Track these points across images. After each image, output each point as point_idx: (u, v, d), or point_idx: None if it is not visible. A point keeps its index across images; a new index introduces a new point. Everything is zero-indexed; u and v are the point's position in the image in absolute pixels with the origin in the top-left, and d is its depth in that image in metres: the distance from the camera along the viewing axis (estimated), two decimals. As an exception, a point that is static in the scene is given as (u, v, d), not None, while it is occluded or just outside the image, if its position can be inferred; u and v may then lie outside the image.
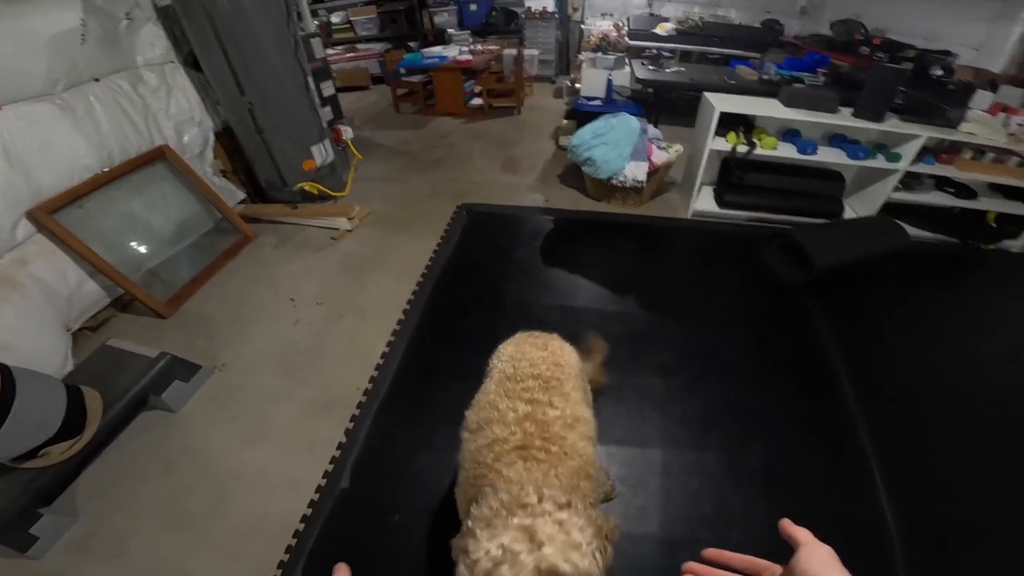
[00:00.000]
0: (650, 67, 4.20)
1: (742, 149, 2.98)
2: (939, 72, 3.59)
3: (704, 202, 3.30)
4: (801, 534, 0.53)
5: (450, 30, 5.76)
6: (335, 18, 6.36)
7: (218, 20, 2.56)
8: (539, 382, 1.09)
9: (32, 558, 1.54)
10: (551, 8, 5.85)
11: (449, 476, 1.68)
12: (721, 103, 2.91)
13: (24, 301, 2.02)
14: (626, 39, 4.98)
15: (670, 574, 1.44)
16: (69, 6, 2.27)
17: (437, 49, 5.23)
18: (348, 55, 6.18)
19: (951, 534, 1.61)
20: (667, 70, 4.16)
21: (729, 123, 3.00)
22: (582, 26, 5.82)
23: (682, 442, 1.85)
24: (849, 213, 3.23)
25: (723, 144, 3.02)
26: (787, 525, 0.55)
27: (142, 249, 2.55)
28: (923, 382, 2.17)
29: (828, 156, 3.00)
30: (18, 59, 2.10)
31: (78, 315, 2.29)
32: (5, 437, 1.45)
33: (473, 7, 6.04)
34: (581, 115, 3.91)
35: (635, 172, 3.11)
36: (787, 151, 3.02)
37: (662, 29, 5.22)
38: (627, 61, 4.38)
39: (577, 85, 4.51)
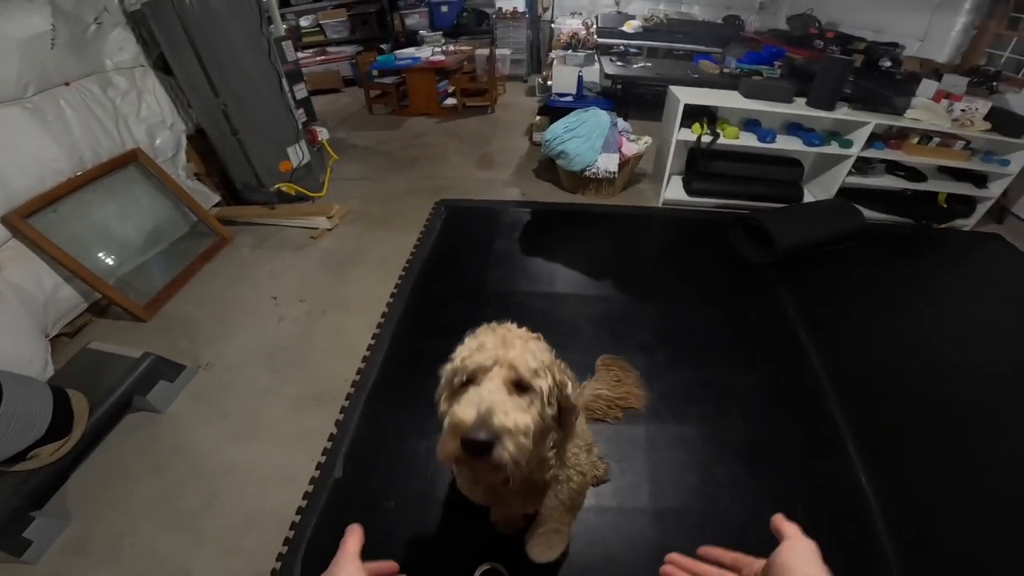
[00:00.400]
0: (618, 63, 4.33)
1: (706, 139, 3.12)
2: (888, 63, 3.81)
3: (674, 191, 3.43)
4: (788, 528, 0.54)
5: (422, 31, 5.79)
6: (304, 21, 6.31)
7: (189, 22, 2.57)
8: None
9: (27, 562, 1.53)
10: (521, 8, 5.94)
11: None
12: (685, 96, 3.05)
13: (0, 306, 1.99)
14: (595, 37, 5.10)
15: (663, 545, 1.52)
16: (38, 10, 2.25)
17: (410, 51, 5.26)
18: (319, 58, 6.15)
19: (922, 491, 1.73)
20: (634, 66, 4.30)
21: (693, 115, 3.14)
22: (552, 25, 5.92)
23: (665, 416, 1.93)
24: (809, 197, 3.40)
25: (688, 135, 3.15)
26: (779, 520, 0.56)
27: (118, 253, 2.53)
28: (884, 351, 2.31)
29: (786, 144, 3.17)
30: None
31: (55, 320, 2.26)
32: None
33: (444, 8, 6.07)
34: (553, 111, 4.00)
35: (607, 163, 3.21)
36: (748, 140, 3.18)
37: (629, 27, 5.36)
38: (596, 58, 4.49)
39: (549, 82, 4.60)
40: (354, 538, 0.59)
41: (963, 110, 2.92)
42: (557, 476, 1.07)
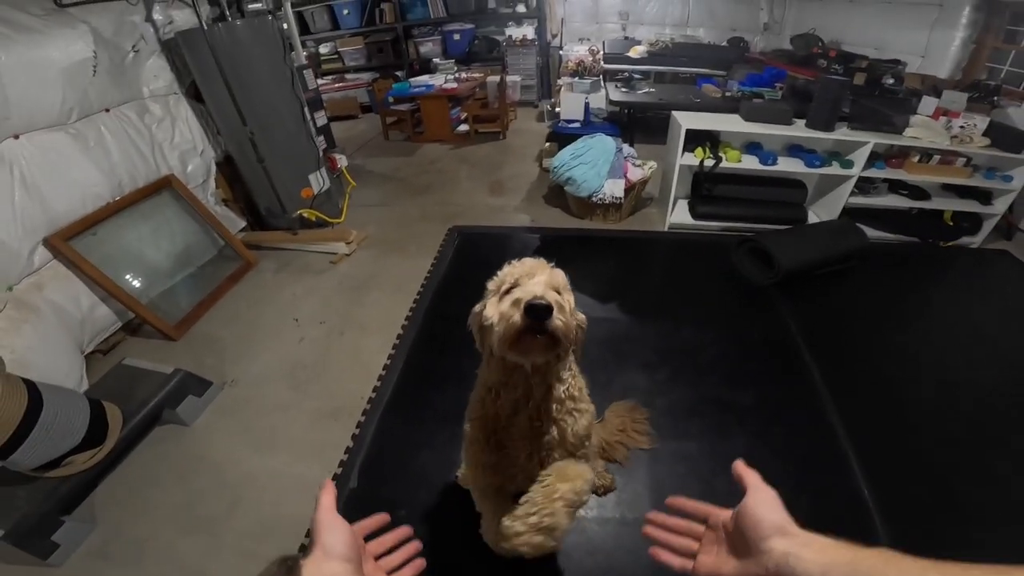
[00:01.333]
0: (623, 89, 4.45)
1: (709, 163, 3.20)
2: (890, 81, 3.87)
3: (680, 215, 3.49)
4: (750, 477, 0.58)
5: (435, 59, 6.01)
6: (323, 49, 6.60)
7: (219, 51, 2.70)
8: None
9: (52, 565, 1.62)
10: (531, 36, 6.14)
11: (449, 471, 1.81)
12: (687, 121, 3.13)
13: (41, 324, 2.12)
14: (601, 63, 5.25)
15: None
16: (81, 37, 2.39)
17: (424, 78, 5.46)
18: (337, 85, 6.41)
19: (923, 504, 1.75)
20: (639, 91, 4.41)
21: (696, 139, 3.22)
22: (560, 52, 6.10)
23: (667, 432, 1.97)
24: (813, 219, 3.43)
25: (692, 159, 3.23)
26: (739, 467, 0.59)
27: (150, 275, 2.68)
28: (889, 367, 2.33)
29: (787, 166, 3.23)
30: (35, 88, 2.21)
31: (91, 338, 2.41)
32: (33, 444, 1.56)
33: (456, 36, 6.30)
34: (561, 137, 4.10)
35: (613, 189, 3.31)
36: (750, 163, 3.24)
37: (635, 52, 5.49)
38: (602, 84, 4.63)
39: (557, 109, 4.74)
40: (327, 493, 0.60)
41: (962, 126, 2.94)
42: (571, 411, 1.09)
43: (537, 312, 0.80)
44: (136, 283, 2.59)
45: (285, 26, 3.20)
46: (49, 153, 2.28)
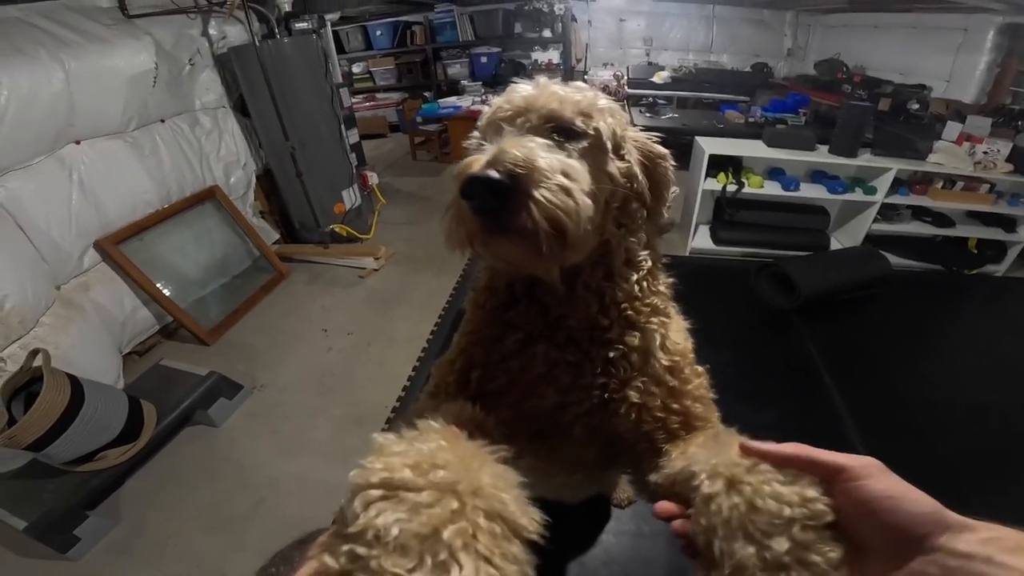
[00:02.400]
0: (647, 114, 4.53)
1: (731, 188, 3.22)
2: (915, 106, 3.85)
3: (701, 240, 3.49)
4: (826, 456, 0.42)
5: (463, 81, 6.17)
6: (356, 68, 6.82)
7: (268, 68, 2.82)
8: None
9: (70, 559, 1.66)
10: (556, 60, 6.27)
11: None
12: (710, 146, 3.16)
13: (85, 323, 2.22)
14: (625, 88, 5.33)
15: (678, 565, 1.55)
16: (144, 48, 2.51)
17: (452, 99, 5.59)
18: (367, 104, 6.61)
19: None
20: (663, 117, 4.49)
21: (719, 164, 3.24)
22: (585, 77, 6.22)
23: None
24: (836, 245, 3.41)
25: (714, 184, 3.24)
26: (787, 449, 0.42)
27: (190, 281, 2.78)
28: (911, 394, 2.29)
29: (810, 192, 3.23)
30: (100, 97, 2.33)
31: (129, 339, 2.51)
32: (71, 437, 1.63)
33: (483, 59, 6.45)
34: (585, 159, 4.15)
35: (634, 211, 3.34)
36: (773, 188, 3.25)
37: (659, 78, 5.59)
38: (627, 109, 4.72)
39: (581, 131, 4.80)
40: None
41: (985, 152, 2.91)
42: (655, 309, 0.65)
43: (482, 196, 0.44)
44: (175, 289, 2.69)
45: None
46: (107, 160, 2.38)
